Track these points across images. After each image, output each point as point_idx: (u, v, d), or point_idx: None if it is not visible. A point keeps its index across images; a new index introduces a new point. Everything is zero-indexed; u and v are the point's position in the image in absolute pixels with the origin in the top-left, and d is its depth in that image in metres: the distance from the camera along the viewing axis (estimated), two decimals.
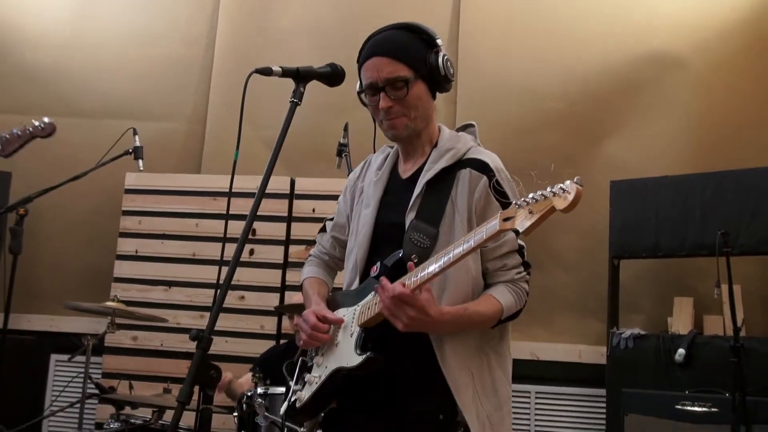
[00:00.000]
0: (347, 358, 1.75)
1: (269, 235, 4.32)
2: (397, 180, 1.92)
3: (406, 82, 1.80)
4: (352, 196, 2.02)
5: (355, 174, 2.06)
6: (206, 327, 1.52)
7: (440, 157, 1.85)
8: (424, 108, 1.86)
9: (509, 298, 1.78)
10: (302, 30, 4.82)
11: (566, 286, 4.34)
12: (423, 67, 1.83)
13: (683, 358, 3.58)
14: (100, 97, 4.98)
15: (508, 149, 4.42)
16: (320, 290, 1.99)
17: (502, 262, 1.80)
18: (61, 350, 4.64)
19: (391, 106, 1.81)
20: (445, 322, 1.68)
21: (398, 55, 1.81)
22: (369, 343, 1.73)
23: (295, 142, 3.74)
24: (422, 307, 1.63)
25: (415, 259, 1.71)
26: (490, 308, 1.75)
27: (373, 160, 2.02)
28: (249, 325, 4.26)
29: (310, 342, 1.84)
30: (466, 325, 1.74)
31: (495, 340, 1.82)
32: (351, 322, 1.81)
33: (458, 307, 1.72)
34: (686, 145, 4.29)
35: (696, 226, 3.72)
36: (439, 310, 1.67)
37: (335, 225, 2.08)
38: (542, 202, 1.44)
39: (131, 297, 4.33)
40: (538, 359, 4.29)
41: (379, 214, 1.88)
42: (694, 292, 4.00)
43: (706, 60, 4.33)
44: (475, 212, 1.79)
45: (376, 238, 1.86)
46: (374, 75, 1.81)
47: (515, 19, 4.61)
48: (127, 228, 4.53)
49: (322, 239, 2.12)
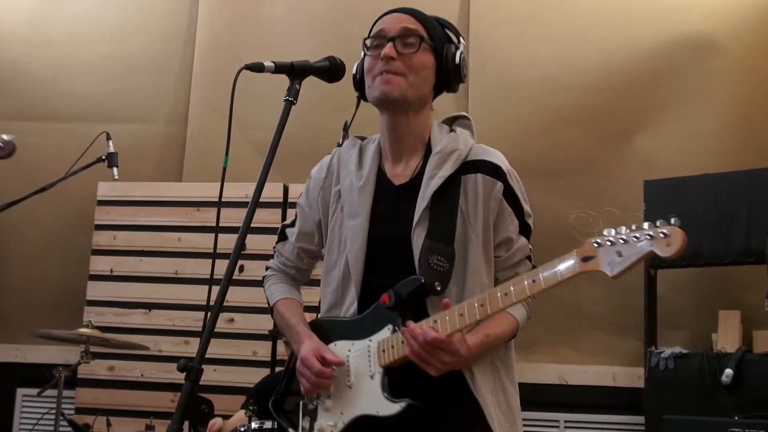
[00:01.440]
0: (375, 404, 1.74)
1: (261, 249, 4.27)
2: (389, 186, 1.88)
3: (420, 39, 1.83)
4: (323, 200, 1.95)
5: (321, 172, 1.99)
6: (196, 355, 1.51)
7: (443, 161, 1.82)
8: (424, 83, 1.85)
9: (523, 312, 1.84)
10: (296, 20, 4.83)
11: (596, 300, 4.32)
12: (440, 48, 1.87)
13: (731, 379, 3.56)
14: (68, 99, 4.99)
15: (527, 148, 4.50)
16: (301, 316, 1.97)
17: (513, 272, 1.83)
18: (29, 384, 4.63)
19: (393, 58, 1.81)
20: (473, 356, 1.73)
21: (421, 19, 1.88)
22: (395, 385, 1.74)
23: (289, 144, 3.71)
24: (456, 351, 1.66)
25: (438, 286, 1.73)
26: (508, 328, 1.80)
27: (344, 156, 1.96)
28: (240, 352, 4.25)
29: (314, 390, 1.83)
30: (487, 351, 1.79)
31: (502, 350, 1.85)
32: (368, 362, 1.78)
33: (481, 336, 1.75)
34: (727, 138, 4.28)
35: (741, 230, 3.71)
36: (468, 348, 1.70)
37: (301, 234, 2.02)
38: (634, 245, 1.44)
39: (107, 322, 4.32)
40: (566, 383, 4.27)
41: (372, 226, 1.85)
42: (742, 305, 3.98)
43: (745, 44, 4.32)
44: (491, 222, 1.81)
45: (372, 255, 1.84)
46: (388, 26, 1.85)
47: (530, 3, 4.61)
48: (100, 244, 4.53)
49: (284, 249, 2.08)
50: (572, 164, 4.41)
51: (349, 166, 1.93)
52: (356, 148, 1.96)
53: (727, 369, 3.58)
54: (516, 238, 1.84)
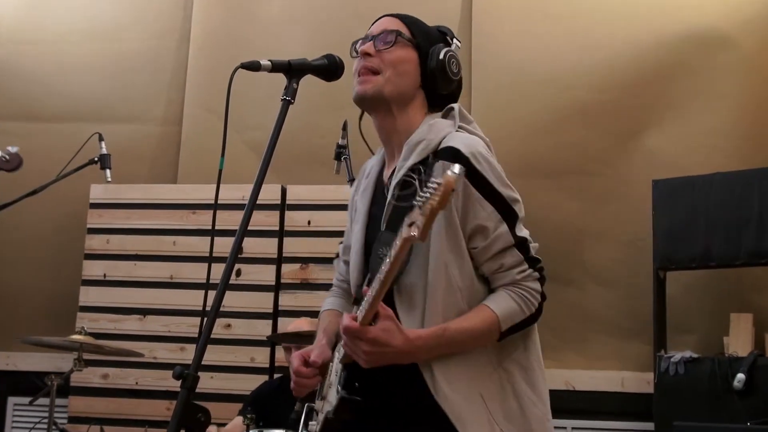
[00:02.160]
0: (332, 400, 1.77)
1: (258, 252, 4.32)
2: (382, 187, 1.91)
3: (397, 34, 1.85)
4: (351, 213, 2.03)
5: (353, 187, 2.07)
6: (192, 362, 1.51)
7: (410, 152, 1.81)
8: (403, 78, 1.84)
9: (509, 304, 1.73)
10: (293, 17, 4.84)
11: (604, 303, 4.32)
12: (425, 45, 1.87)
13: (743, 384, 3.56)
14: (59, 99, 4.99)
15: (532, 147, 4.50)
16: (330, 324, 1.98)
17: (497, 263, 1.75)
18: (20, 392, 4.63)
19: (370, 54, 1.83)
20: (419, 348, 1.68)
21: (407, 21, 1.90)
22: (353, 381, 1.74)
23: (286, 144, 3.72)
24: (375, 339, 1.63)
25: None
26: (480, 322, 1.71)
27: (368, 166, 2.02)
28: (237, 358, 4.25)
29: (297, 390, 1.89)
30: (449, 346, 1.71)
31: (519, 352, 1.78)
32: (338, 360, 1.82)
33: (435, 328, 1.70)
34: (737, 136, 4.28)
35: (753, 231, 3.71)
36: (405, 338, 1.65)
37: (345, 248, 2.06)
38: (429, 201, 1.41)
39: (100, 329, 4.32)
40: (573, 389, 4.27)
41: (367, 229, 1.88)
42: (754, 307, 3.98)
43: (755, 38, 4.33)
44: (457, 211, 1.73)
45: (369, 259, 1.85)
46: (374, 29, 1.89)
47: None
48: (93, 248, 4.53)
49: (338, 266, 2.11)
50: (578, 164, 4.41)
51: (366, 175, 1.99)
52: (380, 155, 2.00)
53: (739, 373, 3.58)
54: (493, 226, 1.73)
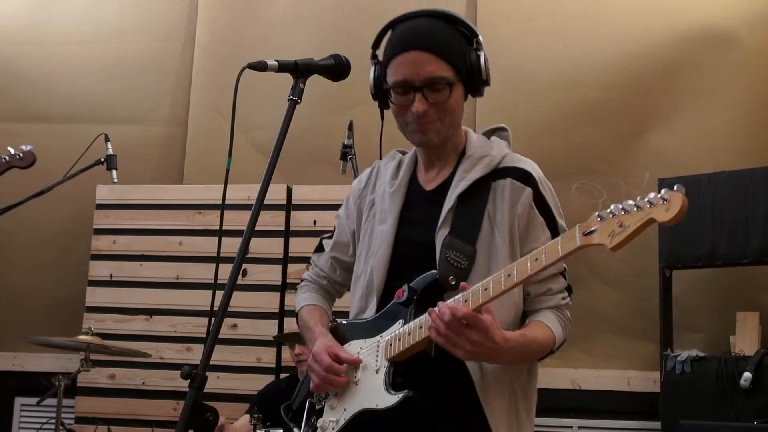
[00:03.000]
0: (376, 398, 1.75)
1: (264, 252, 4.32)
2: (420, 192, 1.91)
3: (449, 84, 1.80)
4: (358, 209, 2.00)
5: (360, 183, 2.04)
6: (200, 362, 1.52)
7: (473, 165, 1.85)
8: (459, 115, 1.87)
9: (559, 327, 1.80)
10: (298, 17, 4.84)
11: (610, 302, 4.32)
12: (464, 67, 1.83)
13: (750, 382, 3.55)
14: (65, 100, 5.01)
15: (539, 147, 4.48)
16: (322, 319, 1.99)
17: (546, 286, 1.81)
18: (27, 392, 4.65)
19: (426, 110, 1.80)
20: (509, 349, 1.67)
21: (441, 52, 1.80)
22: (399, 378, 1.73)
23: (292, 144, 3.72)
24: (487, 330, 1.62)
25: (452, 281, 1.72)
26: (546, 337, 1.77)
27: (383, 168, 2.01)
28: (244, 358, 4.26)
29: (323, 386, 1.83)
30: (525, 354, 1.76)
31: (523, 377, 1.83)
32: (375, 357, 1.80)
33: (518, 334, 1.72)
34: (743, 134, 4.27)
35: (759, 229, 3.70)
36: (503, 335, 1.66)
37: (336, 244, 2.06)
38: (636, 214, 1.43)
39: (107, 329, 4.33)
40: (580, 388, 4.27)
41: (399, 230, 1.87)
42: (761, 306, 3.98)
43: (761, 36, 4.32)
44: (518, 229, 1.80)
45: (396, 259, 1.86)
46: (411, 72, 1.79)
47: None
48: (99, 249, 4.55)
49: (319, 260, 2.11)
50: (584, 162, 4.40)
51: (385, 175, 1.97)
52: (395, 160, 2.00)
53: (745, 372, 3.58)
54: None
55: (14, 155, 3.36)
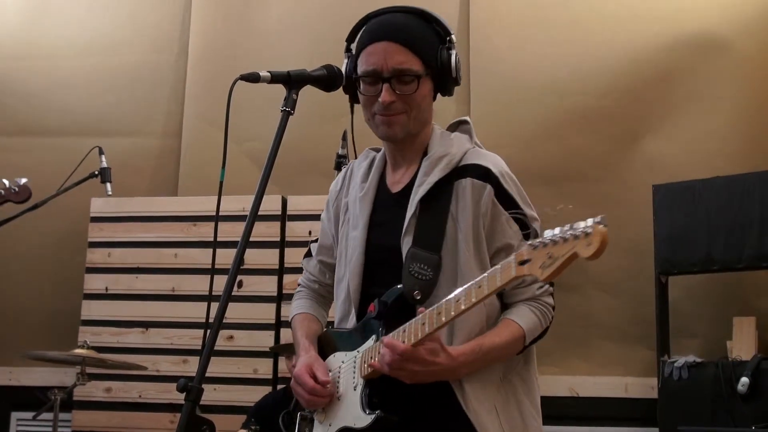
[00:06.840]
0: (353, 416, 1.76)
1: (259, 263, 4.32)
2: (386, 195, 1.92)
3: (417, 77, 1.81)
4: (336, 213, 2.02)
5: (336, 186, 2.05)
6: (196, 375, 1.52)
7: (432, 167, 1.84)
8: (426, 110, 1.87)
9: (532, 318, 1.80)
10: (291, 28, 4.85)
11: (607, 309, 4.32)
12: (434, 63, 1.84)
13: (747, 388, 3.55)
14: (58, 113, 5.00)
15: (531, 153, 4.50)
16: (309, 330, 2.00)
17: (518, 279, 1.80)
18: (23, 407, 4.63)
19: (393, 101, 1.81)
20: (460, 365, 1.71)
21: (412, 45, 1.82)
22: (375, 398, 1.75)
23: (286, 155, 3.73)
24: (423, 360, 1.66)
25: (417, 295, 1.74)
26: (510, 336, 1.77)
27: (356, 168, 2.01)
28: (240, 370, 4.25)
29: (309, 406, 1.87)
30: (484, 362, 1.76)
31: (520, 365, 1.85)
32: (353, 373, 1.81)
33: (472, 344, 1.74)
34: (738, 139, 4.29)
35: (755, 234, 3.70)
36: (448, 356, 1.68)
37: (321, 248, 2.08)
38: (563, 246, 1.41)
39: (103, 342, 4.31)
40: (577, 395, 4.27)
41: (369, 235, 1.88)
42: (757, 311, 3.98)
43: (754, 41, 4.33)
44: (484, 228, 1.79)
45: (370, 264, 1.87)
46: (380, 62, 1.81)
47: (532, 4, 4.63)
48: (94, 262, 4.54)
49: (308, 265, 2.13)
50: (578, 169, 4.41)
51: (357, 177, 1.98)
52: (368, 159, 2.00)
53: (742, 377, 3.58)
54: (518, 245, 1.78)
55: (9, 189, 3.38)
